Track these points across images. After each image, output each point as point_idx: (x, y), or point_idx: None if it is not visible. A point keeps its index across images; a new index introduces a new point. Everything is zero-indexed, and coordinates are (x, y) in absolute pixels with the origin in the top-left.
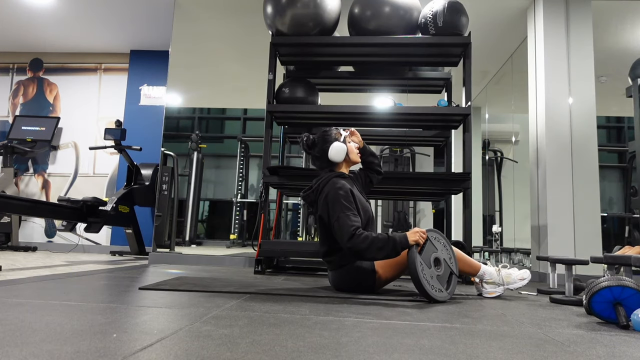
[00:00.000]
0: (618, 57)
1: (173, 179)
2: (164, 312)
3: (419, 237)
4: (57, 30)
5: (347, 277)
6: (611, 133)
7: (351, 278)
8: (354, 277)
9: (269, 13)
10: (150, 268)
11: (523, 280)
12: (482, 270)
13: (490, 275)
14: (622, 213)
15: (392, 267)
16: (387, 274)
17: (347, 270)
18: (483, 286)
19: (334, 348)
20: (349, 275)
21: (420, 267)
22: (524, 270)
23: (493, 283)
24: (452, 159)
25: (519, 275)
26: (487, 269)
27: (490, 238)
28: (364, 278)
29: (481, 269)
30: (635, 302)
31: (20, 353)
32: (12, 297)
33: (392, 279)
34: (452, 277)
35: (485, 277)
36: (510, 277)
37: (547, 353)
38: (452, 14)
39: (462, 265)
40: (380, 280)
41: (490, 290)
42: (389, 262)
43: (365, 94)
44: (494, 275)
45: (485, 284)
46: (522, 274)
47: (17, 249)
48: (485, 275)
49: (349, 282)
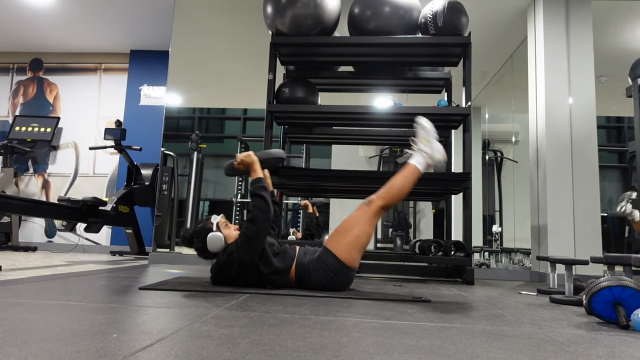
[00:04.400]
0: (618, 57)
1: (173, 179)
2: (164, 312)
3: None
4: (57, 30)
5: (322, 276)
6: (611, 133)
7: (324, 274)
8: (324, 272)
9: (269, 13)
10: (150, 268)
11: (425, 129)
12: (416, 163)
13: (422, 156)
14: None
15: (354, 248)
16: (353, 256)
17: (315, 270)
18: (432, 155)
19: (334, 348)
20: (322, 273)
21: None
22: (419, 129)
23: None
24: (452, 159)
25: (422, 135)
26: (416, 159)
27: (490, 238)
28: (334, 270)
29: (416, 165)
30: (635, 302)
31: (20, 353)
32: (12, 297)
33: (359, 257)
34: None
35: (426, 160)
36: (423, 138)
37: (547, 353)
38: (452, 14)
39: (405, 181)
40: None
41: (436, 146)
42: (348, 244)
43: (365, 94)
44: (422, 152)
45: (429, 152)
46: (420, 132)
47: (17, 249)
48: (422, 161)
49: (325, 279)
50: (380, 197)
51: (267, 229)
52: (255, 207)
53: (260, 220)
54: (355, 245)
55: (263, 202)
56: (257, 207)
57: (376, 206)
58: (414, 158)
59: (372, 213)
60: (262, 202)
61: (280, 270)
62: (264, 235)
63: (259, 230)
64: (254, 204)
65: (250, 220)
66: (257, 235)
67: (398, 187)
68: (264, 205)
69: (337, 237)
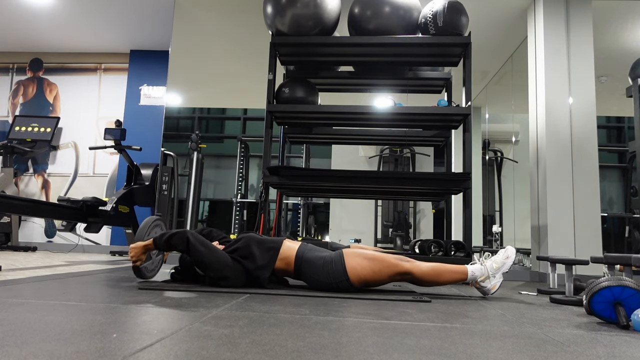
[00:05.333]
0: (618, 57)
1: (173, 179)
2: (164, 312)
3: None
4: (57, 30)
5: (324, 278)
6: (611, 133)
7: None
8: (327, 275)
9: (269, 13)
10: None
11: (509, 259)
12: (470, 272)
13: (480, 272)
14: (622, 213)
15: (365, 276)
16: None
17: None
18: (482, 286)
19: (334, 348)
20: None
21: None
22: (503, 251)
23: (486, 278)
24: (452, 159)
25: (502, 257)
26: (472, 268)
27: (490, 238)
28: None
29: (468, 271)
30: (635, 302)
31: (20, 353)
32: (12, 297)
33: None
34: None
35: (477, 277)
36: (497, 263)
37: (547, 353)
38: (452, 14)
39: (449, 275)
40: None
41: (490, 285)
42: (363, 270)
43: (365, 94)
44: (483, 271)
45: (481, 283)
46: (505, 254)
47: (17, 249)
48: (475, 274)
49: (325, 283)
50: (416, 267)
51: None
52: (177, 243)
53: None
54: (367, 276)
55: (174, 237)
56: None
57: (406, 269)
58: (473, 266)
59: (399, 269)
60: (174, 238)
61: (264, 266)
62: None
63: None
64: (174, 242)
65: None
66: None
67: (436, 274)
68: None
69: (359, 258)
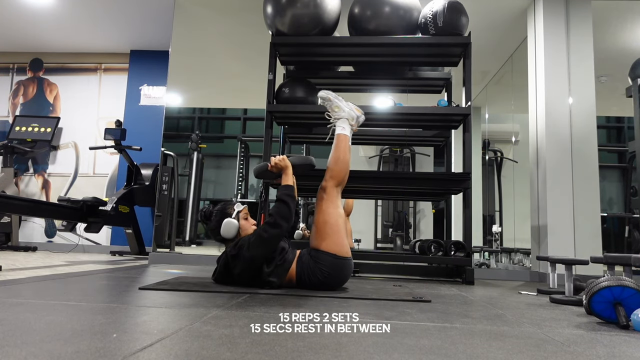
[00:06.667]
0: (618, 57)
1: (173, 179)
2: (164, 312)
3: (283, 167)
4: (57, 30)
5: (320, 275)
6: (611, 133)
7: (321, 273)
8: (321, 271)
9: (268, 13)
10: (150, 268)
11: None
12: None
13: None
14: (622, 213)
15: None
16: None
17: (314, 272)
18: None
19: (334, 348)
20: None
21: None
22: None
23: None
24: (452, 159)
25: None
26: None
27: (490, 238)
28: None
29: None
30: (635, 302)
31: (20, 353)
32: (12, 297)
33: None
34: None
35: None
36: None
37: (547, 353)
38: (452, 14)
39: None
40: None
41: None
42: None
43: (365, 94)
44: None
45: (336, 120)
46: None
47: (17, 249)
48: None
49: (324, 277)
50: (329, 179)
51: (282, 235)
52: (279, 212)
53: (280, 226)
54: (337, 232)
55: (287, 210)
56: (280, 213)
57: (330, 188)
58: (338, 128)
59: (332, 196)
60: (286, 210)
61: (280, 274)
62: (277, 241)
63: (275, 236)
64: (277, 209)
65: (270, 224)
66: (272, 239)
67: (337, 161)
68: (287, 213)
69: (318, 235)
